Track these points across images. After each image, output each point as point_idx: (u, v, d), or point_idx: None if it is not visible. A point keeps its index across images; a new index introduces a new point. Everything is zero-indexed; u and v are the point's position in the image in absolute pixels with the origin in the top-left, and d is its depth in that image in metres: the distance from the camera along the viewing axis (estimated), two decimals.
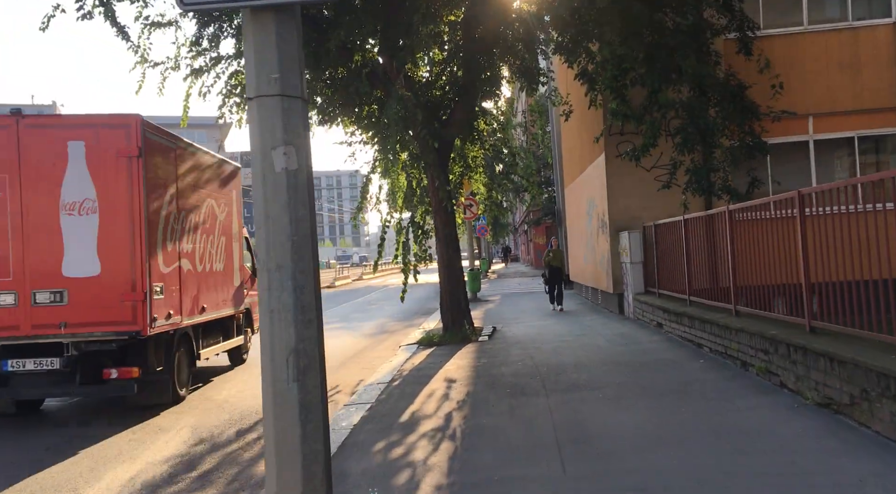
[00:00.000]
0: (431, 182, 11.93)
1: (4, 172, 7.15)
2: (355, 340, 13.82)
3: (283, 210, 2.13)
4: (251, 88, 2.16)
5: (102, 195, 7.23)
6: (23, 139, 7.17)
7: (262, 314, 2.25)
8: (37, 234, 7.16)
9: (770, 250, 7.05)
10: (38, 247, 7.16)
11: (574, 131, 18.51)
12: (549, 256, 16.38)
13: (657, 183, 13.71)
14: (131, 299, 7.20)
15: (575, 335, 11.54)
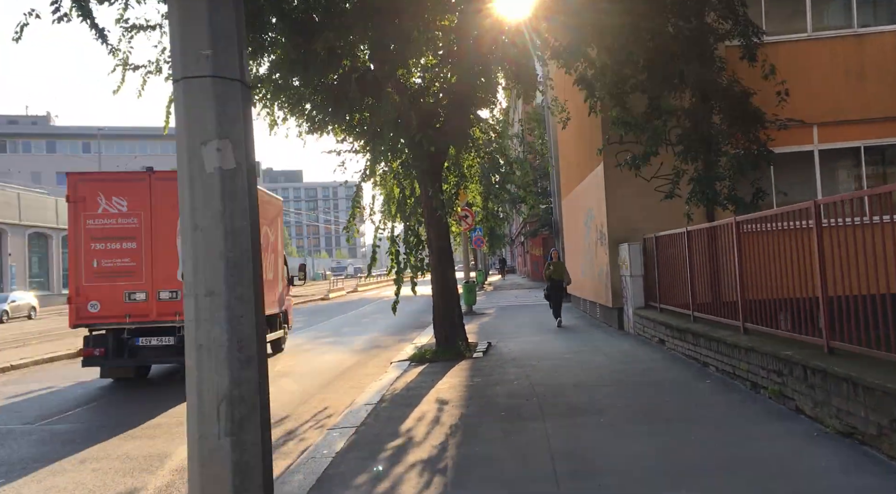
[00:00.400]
0: (424, 192, 11.49)
1: (141, 210, 10.53)
2: (345, 356, 13.32)
3: (215, 220, 1.68)
4: (176, 66, 1.72)
5: None
6: (153, 188, 10.58)
7: (189, 350, 1.79)
8: (161, 252, 10.42)
9: (781, 264, 6.61)
10: (161, 261, 10.44)
11: (572, 141, 18.13)
12: (550, 268, 15.36)
13: (657, 194, 13.29)
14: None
15: (573, 351, 11.06)
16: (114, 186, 10.84)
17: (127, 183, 10.95)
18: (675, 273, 10.49)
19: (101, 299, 10.39)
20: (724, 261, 8.30)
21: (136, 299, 10.46)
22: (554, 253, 15.90)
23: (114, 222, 10.59)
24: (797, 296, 6.32)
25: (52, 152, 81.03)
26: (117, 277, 10.45)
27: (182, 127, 1.73)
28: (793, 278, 6.34)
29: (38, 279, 48.37)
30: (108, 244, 10.54)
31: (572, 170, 18.54)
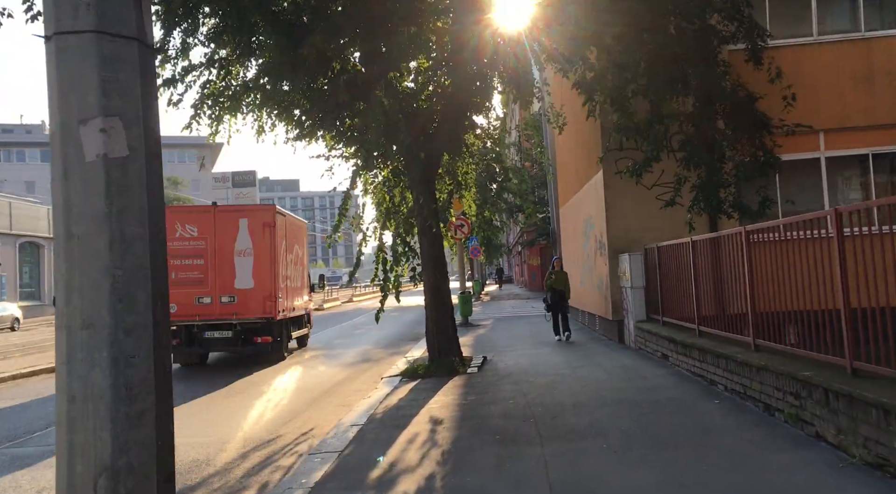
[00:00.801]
0: (416, 200, 11.04)
1: (207, 235, 13.53)
2: (334, 370, 12.81)
3: (97, 226, 1.22)
4: (48, 18, 1.26)
5: (255, 246, 13.59)
6: (216, 217, 13.73)
7: (58, 404, 1.31)
8: (222, 266, 13.44)
9: (796, 275, 6.15)
10: (222, 273, 13.45)
11: (570, 149, 17.72)
12: (552, 278, 14.12)
13: (659, 202, 12.85)
14: (269, 301, 13.41)
15: (572, 366, 10.58)
16: (187, 216, 14.03)
17: (196, 214, 14.26)
18: (679, 285, 10.04)
19: (177, 303, 12.62)
20: (733, 273, 7.83)
21: (203, 302, 13.48)
22: (556, 262, 14.60)
23: (187, 243, 13.54)
24: (813, 308, 5.87)
25: (47, 161, 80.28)
26: (189, 285, 13.27)
27: (54, 100, 1.27)
28: (809, 291, 5.89)
29: (29, 289, 47.72)
30: (183, 261, 13.36)
31: (570, 178, 18.13)
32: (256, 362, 14.07)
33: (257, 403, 9.68)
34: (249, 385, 11.31)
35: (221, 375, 12.75)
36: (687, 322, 9.60)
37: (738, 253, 7.61)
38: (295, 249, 15.61)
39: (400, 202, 11.96)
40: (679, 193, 10.27)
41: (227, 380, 12.03)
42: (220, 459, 6.72)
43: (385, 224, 11.01)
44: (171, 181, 72.02)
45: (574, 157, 16.92)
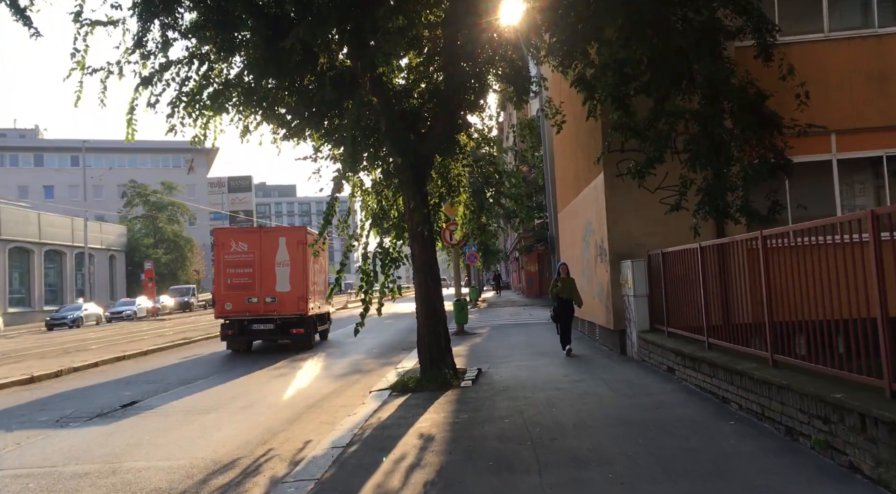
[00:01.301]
0: (406, 203, 10.44)
1: (254, 250, 17.21)
2: (322, 383, 12.18)
3: None
4: None
5: (291, 259, 17.26)
6: (262, 237, 17.65)
7: None
8: (266, 274, 17.15)
9: (822, 283, 5.56)
10: (266, 279, 17.16)
11: (568, 151, 17.15)
12: (558, 286, 12.82)
13: (662, 206, 12.24)
14: (301, 301, 17.20)
15: (572, 380, 9.96)
16: (239, 235, 18.15)
17: (246, 234, 18.58)
18: (686, 294, 9.44)
19: (232, 302, 17.22)
20: (747, 281, 7.24)
21: (251, 301, 17.27)
22: (563, 268, 13.16)
23: (239, 256, 17.35)
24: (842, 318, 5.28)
25: (40, 166, 79.80)
26: (241, 289, 17.12)
27: None
28: (836, 300, 5.30)
29: (18, 295, 46.98)
30: (236, 270, 17.31)
31: (569, 182, 17.55)
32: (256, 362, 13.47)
33: (236, 419, 9.05)
34: (230, 400, 10.67)
35: (201, 389, 12.13)
36: (695, 334, 9.00)
37: (754, 259, 7.03)
38: (319, 260, 19.08)
39: (390, 206, 11.36)
40: (685, 196, 9.69)
41: (209, 394, 11.40)
42: (185, 486, 6.09)
43: (371, 230, 10.38)
44: (166, 186, 71.47)
45: (573, 160, 16.35)
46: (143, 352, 18.62)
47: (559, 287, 12.85)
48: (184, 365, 15.86)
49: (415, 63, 10.76)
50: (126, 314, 41.71)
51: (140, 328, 31.71)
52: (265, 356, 16.91)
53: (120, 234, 62.69)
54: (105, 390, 12.34)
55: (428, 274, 10.65)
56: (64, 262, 52.07)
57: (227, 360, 16.46)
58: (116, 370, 15.55)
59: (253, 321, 17.27)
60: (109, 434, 8.48)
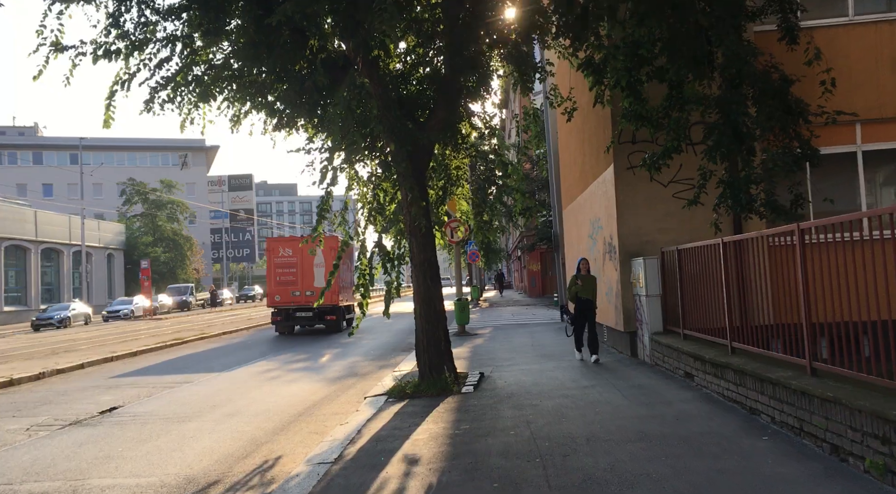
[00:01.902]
0: (404, 196, 9.77)
1: (297, 255, 21.97)
2: (315, 386, 11.49)
3: None
4: None
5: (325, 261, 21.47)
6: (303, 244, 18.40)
7: None
8: (306, 273, 21.98)
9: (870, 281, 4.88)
10: (306, 277, 21.97)
11: (573, 145, 16.45)
12: (577, 284, 11.37)
13: (675, 201, 11.60)
14: (333, 294, 20.52)
15: (581, 386, 9.27)
16: (285, 243, 23.14)
17: (291, 242, 23.01)
18: (705, 293, 8.74)
19: (280, 295, 21.83)
20: (780, 279, 6.55)
21: (295, 295, 21.80)
22: (584, 264, 11.55)
23: (286, 259, 22.11)
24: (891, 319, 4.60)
25: (39, 164, 79.20)
26: (287, 285, 21.31)
27: None
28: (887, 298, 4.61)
29: (15, 294, 46.36)
30: (283, 270, 22.03)
31: (575, 177, 16.84)
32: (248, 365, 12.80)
33: (219, 428, 8.37)
34: (214, 406, 10.00)
35: (186, 394, 11.46)
36: (715, 337, 8.31)
37: (785, 256, 6.35)
38: (347, 262, 21.52)
39: (389, 200, 10.69)
40: (703, 189, 8.99)
41: (194, 400, 10.74)
42: None
43: (367, 224, 9.67)
44: (165, 184, 70.81)
45: (579, 153, 15.65)
46: (133, 353, 17.95)
47: (579, 286, 11.35)
48: (172, 367, 15.20)
49: (412, 44, 10.06)
50: (123, 314, 41.01)
51: (135, 328, 31.05)
52: (259, 359, 16.25)
53: (118, 232, 62.07)
54: (86, 394, 11.67)
55: (427, 273, 9.97)
56: (61, 260, 51.44)
57: (217, 363, 15.79)
58: (102, 372, 14.88)
59: (296, 310, 22.18)
60: (80, 444, 7.81)
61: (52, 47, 9.00)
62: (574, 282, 11.50)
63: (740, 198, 8.24)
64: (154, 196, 67.95)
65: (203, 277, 77.39)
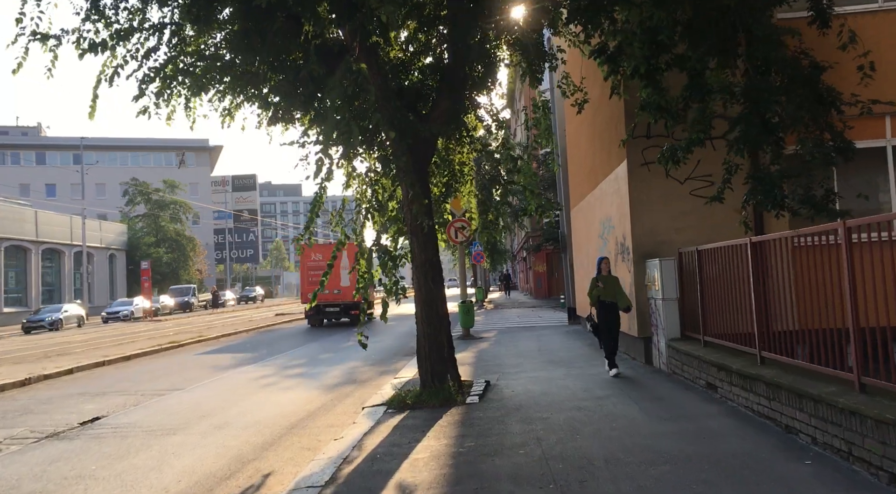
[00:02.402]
0: (405, 193, 9.15)
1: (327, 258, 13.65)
2: (311, 395, 10.88)
3: None
4: None
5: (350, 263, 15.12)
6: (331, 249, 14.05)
7: None
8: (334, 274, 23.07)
9: None
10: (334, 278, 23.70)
11: (583, 142, 15.80)
12: (599, 287, 10.17)
13: (692, 199, 10.97)
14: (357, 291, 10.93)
15: (594, 397, 8.63)
16: (317, 249, 25.71)
17: (321, 248, 26.29)
18: (729, 297, 8.10)
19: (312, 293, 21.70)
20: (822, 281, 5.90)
21: (325, 293, 22.59)
22: (604, 264, 10.34)
23: (317, 263, 25.72)
24: None
25: (42, 164, 78.87)
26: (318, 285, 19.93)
27: None
28: None
29: (15, 295, 45.91)
30: (314, 272, 25.42)
31: (584, 175, 16.19)
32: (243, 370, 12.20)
33: (204, 442, 7.76)
34: (202, 417, 9.40)
35: (175, 402, 10.86)
36: (741, 345, 7.67)
37: (826, 256, 5.71)
38: None
39: (388, 197, 10.07)
40: (728, 184, 8.34)
41: (182, 409, 10.14)
42: None
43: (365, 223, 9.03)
44: (168, 184, 70.36)
45: (589, 149, 15.01)
46: (127, 357, 17.37)
47: (601, 288, 10.16)
48: (165, 372, 14.61)
49: (412, 29, 9.43)
50: (122, 315, 40.44)
51: (134, 330, 30.52)
52: (255, 364, 15.67)
53: (120, 232, 61.61)
54: (69, 402, 11.08)
55: (429, 274, 9.36)
56: (62, 261, 51.00)
57: (212, 367, 15.21)
58: (91, 377, 14.31)
59: (326, 306, 25.93)
60: (52, 461, 7.21)
61: (31, 37, 8.44)
62: (594, 285, 10.26)
63: (774, 194, 7.58)
64: (157, 196, 67.49)
65: (206, 278, 76.90)
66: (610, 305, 10.15)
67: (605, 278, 10.23)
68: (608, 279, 10.26)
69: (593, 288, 10.25)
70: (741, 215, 8.30)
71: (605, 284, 10.17)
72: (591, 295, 10.29)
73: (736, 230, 10.03)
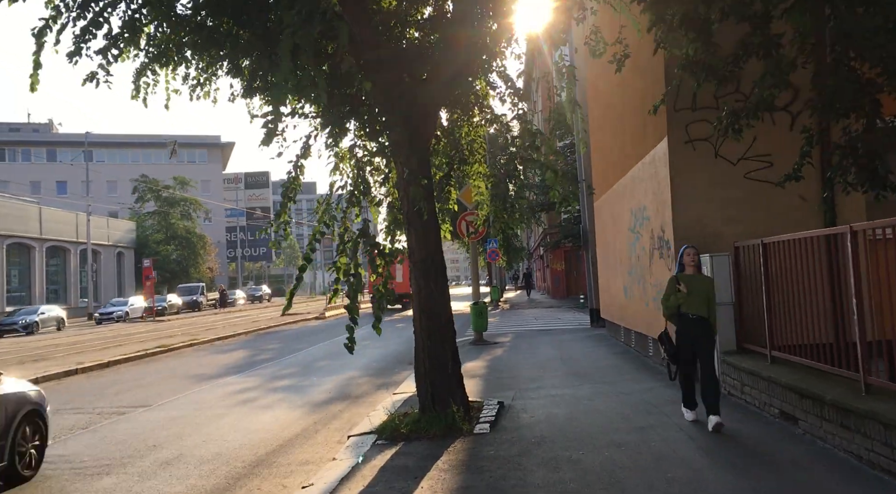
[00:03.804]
0: (400, 173, 7.46)
1: None
2: (292, 416, 9.21)
3: None
4: None
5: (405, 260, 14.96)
6: None
7: None
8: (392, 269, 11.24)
9: None
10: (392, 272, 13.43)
11: (611, 122, 14.00)
12: (679, 291, 6.75)
13: (747, 184, 9.21)
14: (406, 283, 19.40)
15: (635, 426, 6.89)
16: None
17: None
18: (811, 302, 6.31)
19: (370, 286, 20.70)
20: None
21: None
22: (691, 256, 6.88)
23: None
24: None
25: (53, 161, 78.19)
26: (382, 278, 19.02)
27: None
28: None
29: (18, 294, 44.78)
30: None
31: (610, 162, 14.39)
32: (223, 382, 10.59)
33: (141, 487, 6.12)
34: (151, 447, 7.77)
35: (127, 425, 9.26)
36: (828, 364, 5.89)
37: None
38: None
39: (382, 180, 8.39)
40: (808, 158, 6.55)
41: (131, 435, 8.52)
42: None
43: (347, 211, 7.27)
44: (179, 181, 69.22)
45: (618, 132, 13.22)
46: (105, 364, 15.84)
47: (683, 295, 6.69)
48: (138, 384, 13.05)
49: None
50: (116, 316, 38.73)
51: (129, 332, 29.11)
52: (241, 373, 14.06)
53: (128, 230, 60.50)
54: None
55: (430, 273, 7.68)
56: (68, 259, 49.87)
57: (192, 377, 13.63)
58: (54, 389, 12.75)
59: (393, 298, 25.93)
60: None
61: None
62: (673, 287, 6.80)
63: (877, 169, 5.78)
64: (167, 193, 66.42)
65: (217, 276, 75.79)
66: (696, 320, 6.66)
67: (690, 279, 6.74)
68: (696, 281, 6.74)
69: (671, 294, 6.79)
70: (823, 196, 6.50)
71: (692, 287, 6.67)
72: (668, 304, 6.82)
73: (798, 222, 8.27)
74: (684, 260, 6.88)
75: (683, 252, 6.91)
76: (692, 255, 6.84)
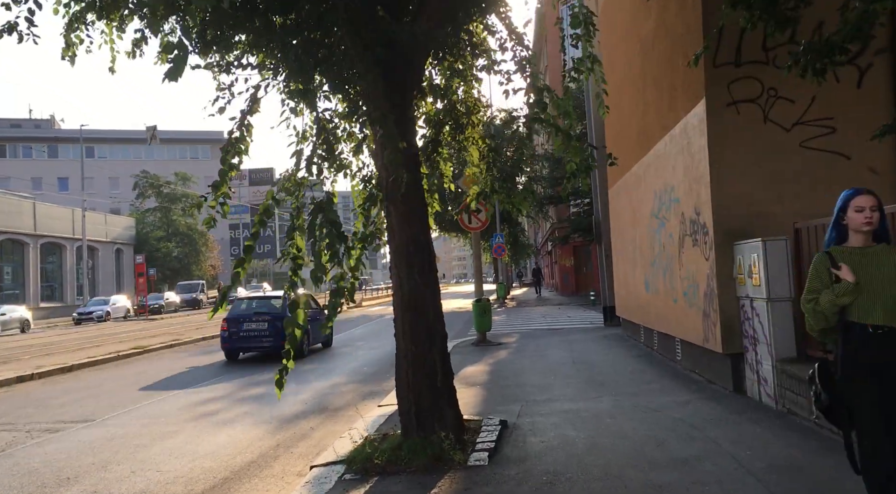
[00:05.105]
0: (376, 134, 5.90)
1: None
2: (252, 436, 7.66)
3: None
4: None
5: None
6: None
7: None
8: None
9: None
10: None
11: (631, 94, 12.34)
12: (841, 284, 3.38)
13: (801, 154, 7.60)
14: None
15: (676, 458, 5.31)
16: None
17: None
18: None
19: None
20: None
21: None
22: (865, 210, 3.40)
23: None
24: None
25: (54, 157, 77.11)
26: None
27: None
28: None
29: (12, 291, 43.48)
30: None
31: (630, 141, 12.74)
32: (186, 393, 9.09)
33: None
34: (71, 480, 6.26)
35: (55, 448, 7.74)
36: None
37: None
38: None
39: (355, 149, 6.82)
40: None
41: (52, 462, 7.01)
42: None
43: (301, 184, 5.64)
44: (180, 177, 67.97)
45: (638, 104, 11.60)
46: (68, 367, 14.34)
47: (848, 287, 3.37)
48: (92, 393, 11.55)
49: None
50: (97, 316, 36.74)
51: (113, 331, 27.72)
52: (213, 379, 12.56)
53: (127, 226, 59.27)
54: None
55: (413, 261, 6.11)
56: (64, 256, 48.64)
57: (153, 386, 12.13)
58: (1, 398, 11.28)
59: None
60: None
61: None
62: (825, 275, 3.50)
63: None
64: (168, 189, 65.18)
65: (220, 273, 74.47)
66: (885, 336, 3.34)
67: (862, 257, 3.45)
68: (876, 259, 3.44)
69: (824, 287, 3.49)
70: None
71: (869, 272, 3.40)
72: (819, 309, 3.49)
73: None
74: (852, 217, 3.46)
75: (850, 202, 3.47)
76: (870, 206, 3.41)
